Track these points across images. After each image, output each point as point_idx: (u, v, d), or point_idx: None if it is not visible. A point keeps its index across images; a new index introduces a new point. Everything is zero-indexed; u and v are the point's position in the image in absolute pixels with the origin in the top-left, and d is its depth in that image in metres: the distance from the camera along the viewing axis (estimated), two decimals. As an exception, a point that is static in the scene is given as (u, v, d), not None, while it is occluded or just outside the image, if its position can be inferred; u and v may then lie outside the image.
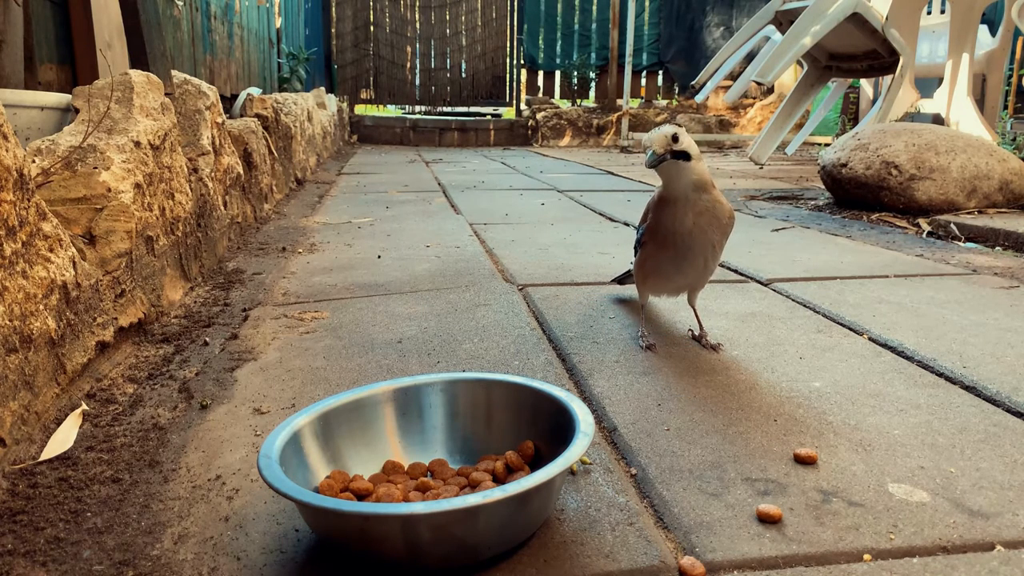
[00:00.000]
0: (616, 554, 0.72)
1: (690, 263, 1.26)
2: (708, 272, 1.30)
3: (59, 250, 1.05)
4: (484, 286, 1.76)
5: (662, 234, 1.26)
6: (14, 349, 0.89)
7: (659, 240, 1.27)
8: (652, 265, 1.30)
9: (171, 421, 1.03)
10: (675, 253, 1.25)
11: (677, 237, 1.23)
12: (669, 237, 1.25)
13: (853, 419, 1.03)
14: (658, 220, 1.26)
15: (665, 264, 1.28)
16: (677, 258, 1.26)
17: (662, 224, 1.25)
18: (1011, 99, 6.47)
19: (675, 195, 1.22)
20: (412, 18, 8.93)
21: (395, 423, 0.90)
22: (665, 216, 1.24)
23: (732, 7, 8.87)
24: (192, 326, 1.45)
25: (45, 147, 1.29)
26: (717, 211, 1.23)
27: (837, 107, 7.08)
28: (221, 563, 0.71)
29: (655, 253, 1.28)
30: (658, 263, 1.29)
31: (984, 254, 2.25)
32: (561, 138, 8.38)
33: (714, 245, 1.25)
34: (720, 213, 1.23)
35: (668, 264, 1.28)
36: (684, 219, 1.22)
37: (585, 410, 0.82)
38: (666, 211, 1.24)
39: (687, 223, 1.22)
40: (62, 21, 2.09)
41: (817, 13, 4.19)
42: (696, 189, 1.21)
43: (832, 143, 3.38)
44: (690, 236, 1.23)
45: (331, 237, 2.45)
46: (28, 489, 0.83)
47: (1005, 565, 0.71)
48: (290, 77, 6.26)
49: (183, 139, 1.97)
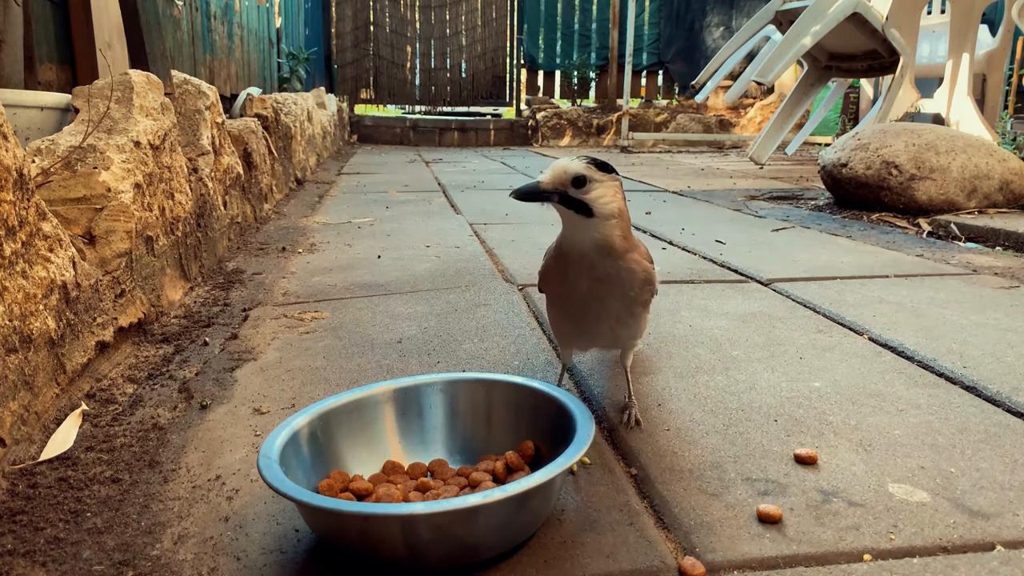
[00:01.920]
0: (616, 554, 0.72)
1: (590, 331, 1.01)
2: (623, 340, 1.03)
3: (59, 250, 1.05)
4: (484, 286, 1.76)
5: (552, 289, 1.00)
6: (14, 349, 0.89)
7: (550, 294, 1.02)
8: (554, 317, 1.04)
9: (171, 421, 1.03)
10: (570, 316, 1.00)
11: (568, 301, 0.98)
12: (560, 297, 1.00)
13: (853, 419, 1.03)
14: (547, 271, 1.00)
15: (564, 323, 1.02)
16: (574, 321, 1.00)
17: (551, 277, 1.00)
18: (1011, 99, 6.47)
19: (570, 251, 0.95)
20: (412, 18, 8.93)
21: (395, 423, 0.90)
22: (555, 270, 0.98)
23: (732, 7, 8.87)
24: (192, 326, 1.45)
25: (45, 147, 1.29)
26: (624, 279, 0.94)
27: (837, 107, 7.09)
28: (221, 563, 0.71)
29: (551, 305, 1.03)
30: (556, 319, 1.04)
31: (984, 254, 2.25)
32: (561, 138, 8.38)
33: (619, 316, 0.98)
34: (630, 282, 0.95)
35: (567, 324, 1.02)
36: (577, 283, 0.95)
37: (585, 410, 0.82)
38: (557, 265, 0.97)
39: (580, 288, 0.95)
40: (62, 21, 2.09)
41: (817, 13, 4.19)
42: (599, 252, 0.92)
43: (832, 143, 3.38)
44: (583, 303, 0.97)
45: (331, 237, 2.45)
46: (28, 489, 0.83)
47: (1005, 565, 0.71)
48: (290, 77, 6.26)
49: (183, 139, 1.97)
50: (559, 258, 0.97)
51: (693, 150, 7.79)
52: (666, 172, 4.98)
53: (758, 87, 8.48)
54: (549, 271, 1.00)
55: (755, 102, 8.56)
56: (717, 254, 2.15)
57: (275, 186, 3.20)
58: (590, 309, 0.97)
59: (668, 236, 2.46)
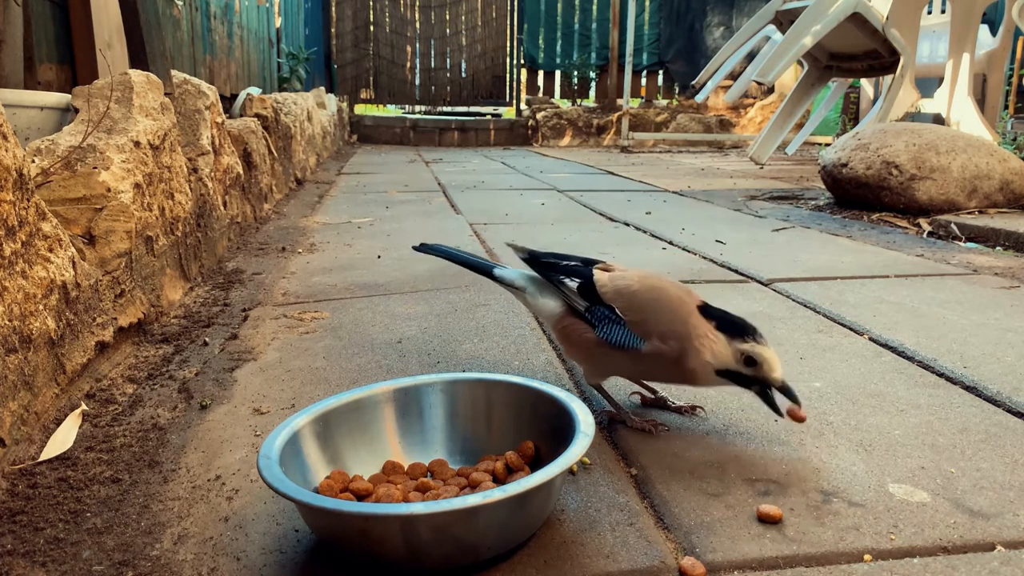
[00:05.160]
0: (616, 554, 0.72)
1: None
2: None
3: (59, 250, 1.05)
4: (484, 286, 1.76)
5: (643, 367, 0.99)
6: (14, 349, 0.89)
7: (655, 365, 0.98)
8: (610, 362, 1.02)
9: (171, 421, 1.03)
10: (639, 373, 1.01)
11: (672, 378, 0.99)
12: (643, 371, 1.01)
13: (854, 419, 1.03)
14: (659, 354, 0.96)
15: (623, 372, 1.04)
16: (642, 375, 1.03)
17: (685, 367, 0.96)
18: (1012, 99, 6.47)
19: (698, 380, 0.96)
20: (412, 18, 8.94)
21: (395, 423, 0.90)
22: (664, 371, 0.98)
23: (732, 7, 8.87)
24: (192, 326, 1.45)
25: (45, 147, 1.29)
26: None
27: (837, 107, 7.08)
28: (221, 563, 0.71)
29: (617, 361, 1.01)
30: (615, 369, 1.03)
31: (985, 254, 2.25)
32: (561, 138, 8.38)
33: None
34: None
35: (625, 369, 1.03)
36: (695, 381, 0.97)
37: (585, 410, 0.82)
38: (673, 371, 0.97)
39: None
40: (62, 21, 2.09)
41: (817, 13, 4.19)
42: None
43: (832, 143, 3.38)
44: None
45: (331, 237, 2.45)
46: (28, 489, 0.83)
47: (1006, 565, 0.71)
48: (290, 77, 6.26)
49: (183, 139, 1.97)
50: (682, 369, 0.95)
51: (693, 150, 7.79)
52: (666, 172, 4.98)
53: (758, 87, 8.48)
54: (672, 359, 0.95)
55: (755, 102, 8.56)
56: (717, 254, 2.15)
57: (275, 186, 3.20)
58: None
59: (668, 236, 2.46)
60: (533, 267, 1.07)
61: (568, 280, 1.03)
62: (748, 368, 0.91)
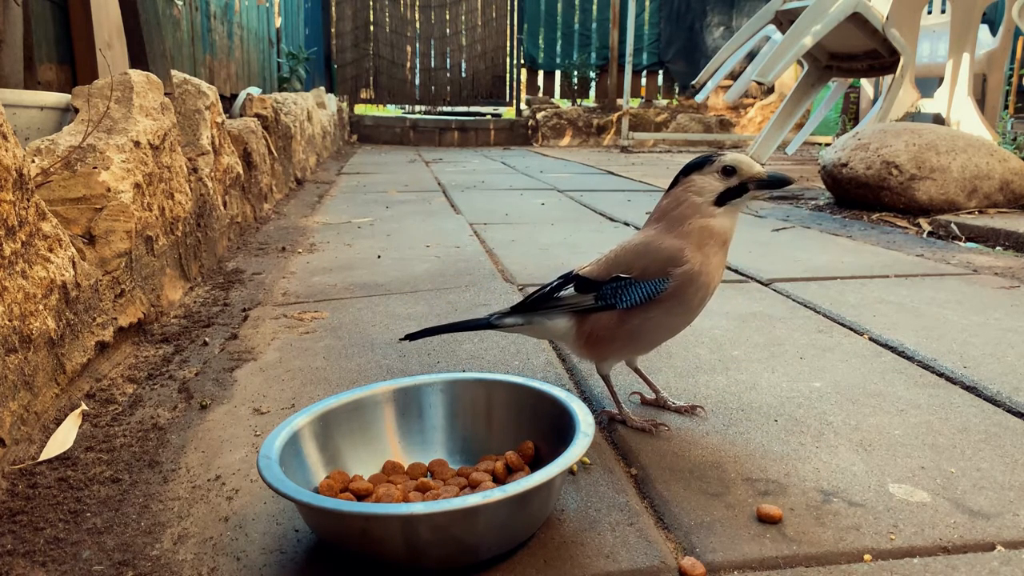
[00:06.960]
0: (616, 554, 0.72)
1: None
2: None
3: (59, 250, 1.05)
4: (484, 286, 1.76)
5: (688, 290, 0.96)
6: (14, 349, 0.89)
7: (681, 295, 0.97)
8: (655, 324, 0.99)
9: (171, 421, 1.03)
10: (694, 309, 1.00)
11: (706, 289, 0.98)
12: (694, 291, 0.97)
13: (853, 419, 1.03)
14: (693, 274, 0.96)
15: (678, 323, 1.01)
16: (694, 311, 1.00)
17: (693, 279, 0.96)
18: (1012, 99, 6.47)
19: (725, 235, 0.98)
20: (412, 18, 8.93)
21: (395, 423, 0.90)
22: (703, 265, 0.96)
23: (732, 7, 8.87)
24: (192, 326, 1.45)
25: (45, 147, 1.29)
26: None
27: (837, 107, 7.08)
28: (221, 563, 0.71)
29: (667, 312, 0.98)
30: (661, 325, 1.00)
31: (985, 254, 2.25)
32: (561, 138, 8.38)
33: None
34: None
35: (681, 322, 1.01)
36: (719, 268, 0.99)
37: (585, 410, 0.82)
38: (705, 257, 0.97)
39: (719, 271, 0.99)
40: (62, 21, 2.09)
41: (817, 13, 4.18)
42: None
43: (832, 143, 3.38)
44: (708, 288, 0.99)
45: (331, 237, 2.45)
46: (28, 489, 0.83)
47: (1005, 565, 0.71)
48: (290, 77, 6.26)
49: (183, 139, 1.97)
50: (705, 248, 0.96)
51: (693, 150, 7.78)
52: (666, 172, 4.98)
53: (758, 87, 8.48)
54: (695, 273, 0.95)
55: (755, 102, 8.56)
56: (717, 254, 2.15)
57: (275, 186, 3.20)
58: (709, 292, 0.99)
59: (668, 236, 2.46)
60: (525, 312, 1.05)
61: (562, 292, 1.02)
62: (733, 178, 0.97)
